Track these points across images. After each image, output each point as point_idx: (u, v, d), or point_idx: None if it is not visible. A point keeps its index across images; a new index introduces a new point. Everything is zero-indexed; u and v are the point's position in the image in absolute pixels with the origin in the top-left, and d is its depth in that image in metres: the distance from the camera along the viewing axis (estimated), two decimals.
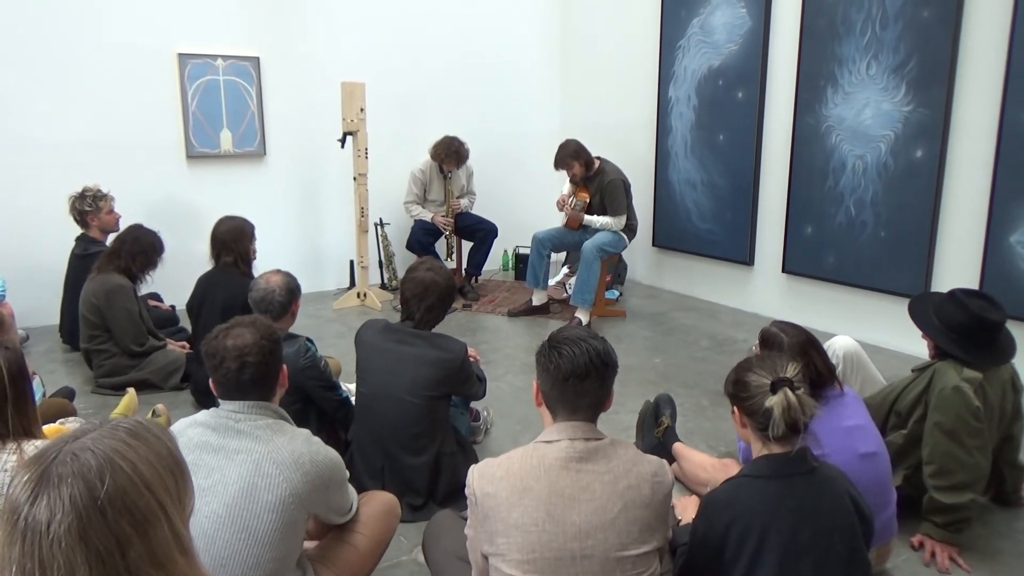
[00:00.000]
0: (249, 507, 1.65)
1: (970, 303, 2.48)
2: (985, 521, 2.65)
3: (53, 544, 0.88)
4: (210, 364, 1.81)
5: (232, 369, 1.77)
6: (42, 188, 4.66)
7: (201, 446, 1.73)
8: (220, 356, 1.79)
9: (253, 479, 1.67)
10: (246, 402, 1.79)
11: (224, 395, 1.81)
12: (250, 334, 1.82)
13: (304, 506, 1.73)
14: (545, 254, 5.22)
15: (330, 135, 5.34)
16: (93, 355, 3.80)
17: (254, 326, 1.85)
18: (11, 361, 1.75)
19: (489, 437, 3.33)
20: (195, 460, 1.71)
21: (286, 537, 1.69)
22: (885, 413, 2.61)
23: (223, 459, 1.70)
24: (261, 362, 1.80)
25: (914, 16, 4.15)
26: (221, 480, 1.67)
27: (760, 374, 1.72)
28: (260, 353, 1.80)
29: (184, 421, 1.83)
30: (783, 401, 1.66)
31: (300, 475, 1.70)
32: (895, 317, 4.17)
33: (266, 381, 1.83)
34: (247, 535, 1.64)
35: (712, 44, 5.37)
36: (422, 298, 2.72)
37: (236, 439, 1.73)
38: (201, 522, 1.64)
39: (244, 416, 1.77)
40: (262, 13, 5.39)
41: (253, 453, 1.70)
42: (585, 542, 1.56)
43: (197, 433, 1.76)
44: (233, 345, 1.79)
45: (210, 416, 1.79)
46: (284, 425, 1.80)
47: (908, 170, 4.27)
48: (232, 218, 3.76)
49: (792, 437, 1.69)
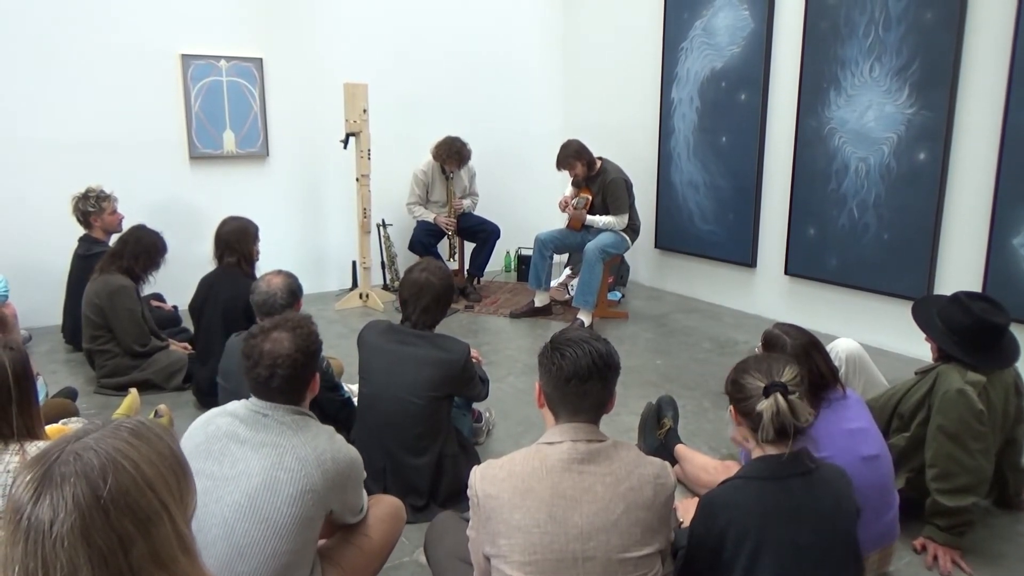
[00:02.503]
0: (270, 499, 1.68)
1: (973, 306, 2.48)
2: (988, 524, 2.64)
3: (56, 543, 0.88)
4: (245, 363, 1.83)
5: (263, 376, 1.80)
6: (45, 188, 4.68)
7: (229, 435, 1.77)
8: (254, 359, 1.81)
9: (275, 472, 1.70)
10: (271, 403, 1.82)
11: (255, 393, 1.84)
12: (288, 341, 1.82)
13: (322, 502, 1.76)
14: (547, 255, 5.22)
15: (333, 136, 5.35)
16: (95, 355, 3.80)
17: (295, 333, 1.85)
18: (15, 361, 1.75)
19: (491, 438, 3.33)
20: (222, 448, 1.75)
21: (303, 531, 1.72)
22: (888, 416, 2.61)
23: (249, 450, 1.74)
24: (291, 375, 1.81)
25: (917, 18, 4.15)
26: (245, 471, 1.71)
27: (755, 376, 1.73)
28: (292, 366, 1.81)
29: (216, 410, 1.86)
30: (773, 406, 1.66)
31: (320, 472, 1.73)
32: (898, 319, 4.16)
33: (294, 390, 1.85)
34: (266, 526, 1.67)
35: (715, 46, 5.37)
36: (418, 299, 2.74)
37: (263, 432, 1.76)
38: (223, 511, 1.68)
39: (272, 411, 1.80)
40: (265, 14, 5.40)
41: (278, 447, 1.74)
42: (587, 544, 1.56)
43: (226, 422, 1.80)
44: (268, 351, 1.80)
45: (241, 407, 1.83)
46: (309, 422, 1.84)
47: (911, 172, 4.27)
48: (236, 218, 3.76)
49: (784, 441, 1.70)
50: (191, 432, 1.84)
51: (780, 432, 1.67)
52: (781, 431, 1.67)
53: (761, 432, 1.68)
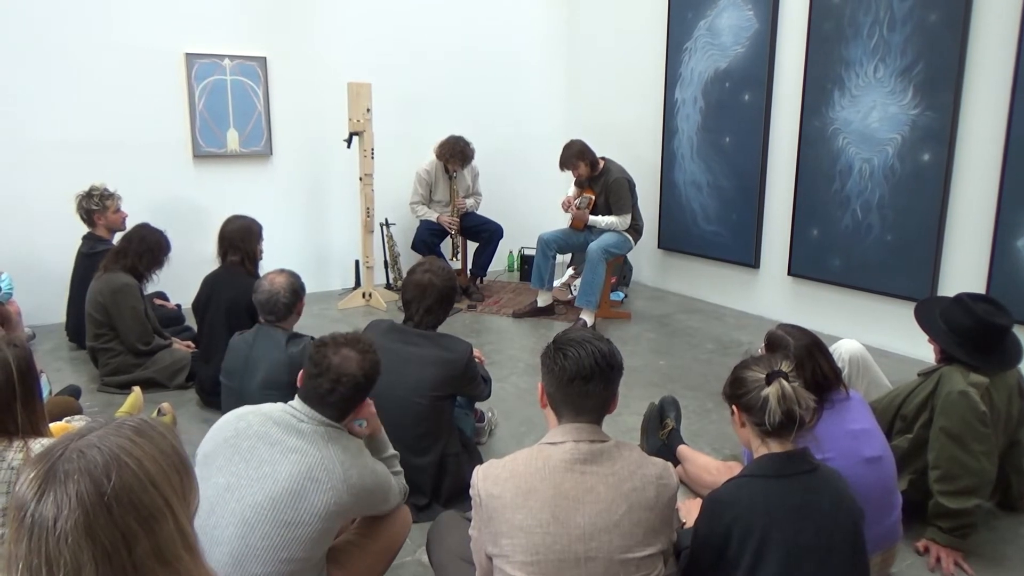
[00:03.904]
0: (295, 505, 1.69)
1: (976, 307, 2.47)
2: (990, 526, 2.64)
3: (60, 540, 0.88)
4: (308, 368, 1.84)
5: (324, 388, 1.81)
6: (49, 187, 4.68)
7: (260, 436, 1.77)
8: (319, 369, 1.82)
9: (304, 481, 1.70)
10: (314, 411, 1.82)
11: (304, 398, 1.84)
12: (356, 363, 1.84)
13: (344, 516, 1.79)
14: (550, 255, 5.22)
15: (336, 135, 5.35)
16: (99, 353, 3.81)
17: (364, 357, 1.87)
18: (19, 358, 1.76)
19: (493, 438, 3.33)
20: (251, 447, 1.76)
21: (320, 541, 1.75)
22: (891, 417, 2.61)
23: (278, 454, 1.74)
24: (350, 396, 1.84)
25: (922, 19, 4.14)
26: (271, 474, 1.71)
27: (756, 370, 1.75)
28: (354, 387, 1.84)
29: (249, 407, 1.87)
30: (778, 391, 1.68)
31: (346, 487, 1.75)
32: (901, 321, 4.15)
33: (347, 409, 1.87)
34: (286, 531, 1.68)
35: (719, 46, 5.36)
36: (420, 300, 2.75)
37: (295, 438, 1.77)
38: (244, 510, 1.68)
39: (307, 418, 1.80)
40: (269, 14, 5.40)
41: (308, 456, 1.74)
42: (589, 544, 1.56)
43: (258, 421, 1.80)
44: (336, 366, 1.82)
45: (276, 409, 1.83)
46: (340, 434, 1.84)
47: (915, 173, 4.26)
48: (241, 217, 3.77)
49: (789, 433, 1.70)
50: (221, 425, 1.84)
51: (788, 417, 1.68)
52: (789, 416, 1.67)
53: (769, 417, 1.68)
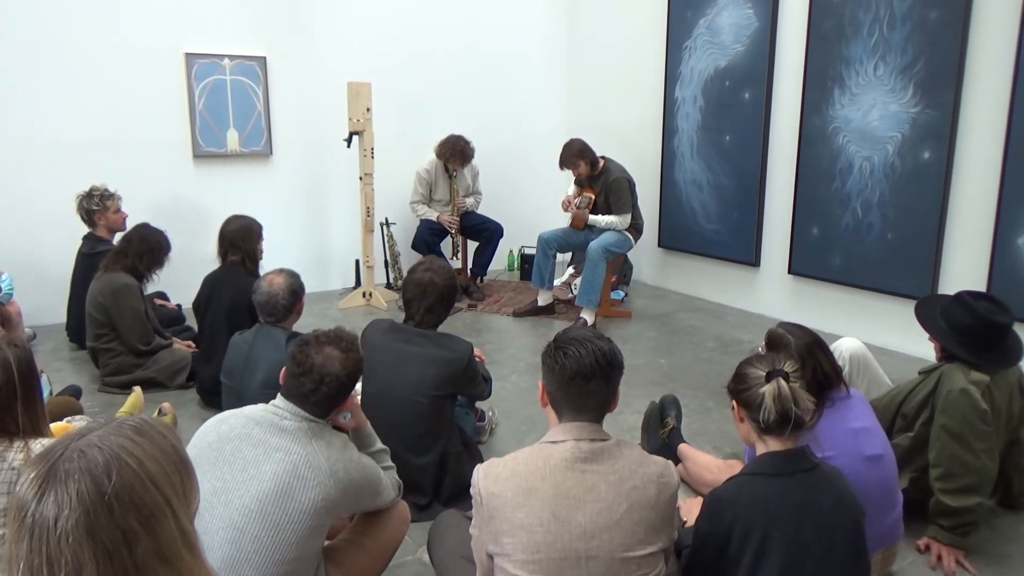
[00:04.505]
0: (282, 505, 1.68)
1: (977, 305, 2.47)
2: (992, 525, 2.64)
3: (60, 540, 0.88)
4: (291, 368, 1.84)
5: (307, 387, 1.80)
6: (49, 187, 4.68)
7: (243, 437, 1.76)
8: (302, 368, 1.82)
9: (289, 480, 1.69)
10: (298, 407, 1.82)
11: (287, 396, 1.84)
12: (339, 362, 1.84)
13: (334, 512, 1.77)
14: (551, 254, 5.22)
15: (336, 135, 5.35)
16: (99, 354, 3.81)
17: (347, 356, 1.87)
18: (20, 358, 1.76)
19: (494, 437, 3.33)
20: (234, 449, 1.75)
21: (311, 538, 1.73)
22: (892, 415, 2.61)
23: (261, 454, 1.73)
24: (333, 395, 1.83)
25: (922, 18, 4.14)
26: (256, 475, 1.70)
27: (758, 367, 1.76)
28: (337, 386, 1.83)
29: (232, 411, 1.86)
30: (775, 390, 1.69)
31: (333, 481, 1.74)
32: (902, 319, 4.15)
33: (330, 407, 1.87)
34: (275, 532, 1.67)
35: (719, 45, 5.36)
36: (421, 299, 2.75)
37: (277, 436, 1.76)
38: (231, 514, 1.67)
39: (290, 415, 1.80)
40: (269, 13, 5.40)
41: (291, 454, 1.73)
42: (590, 543, 1.56)
43: (240, 423, 1.79)
44: (319, 366, 1.81)
45: (258, 410, 1.83)
46: (324, 429, 1.83)
47: (915, 172, 4.26)
48: (241, 217, 3.77)
49: (784, 432, 1.70)
50: (204, 430, 1.83)
51: (782, 416, 1.68)
52: (783, 416, 1.68)
53: (763, 414, 1.69)
